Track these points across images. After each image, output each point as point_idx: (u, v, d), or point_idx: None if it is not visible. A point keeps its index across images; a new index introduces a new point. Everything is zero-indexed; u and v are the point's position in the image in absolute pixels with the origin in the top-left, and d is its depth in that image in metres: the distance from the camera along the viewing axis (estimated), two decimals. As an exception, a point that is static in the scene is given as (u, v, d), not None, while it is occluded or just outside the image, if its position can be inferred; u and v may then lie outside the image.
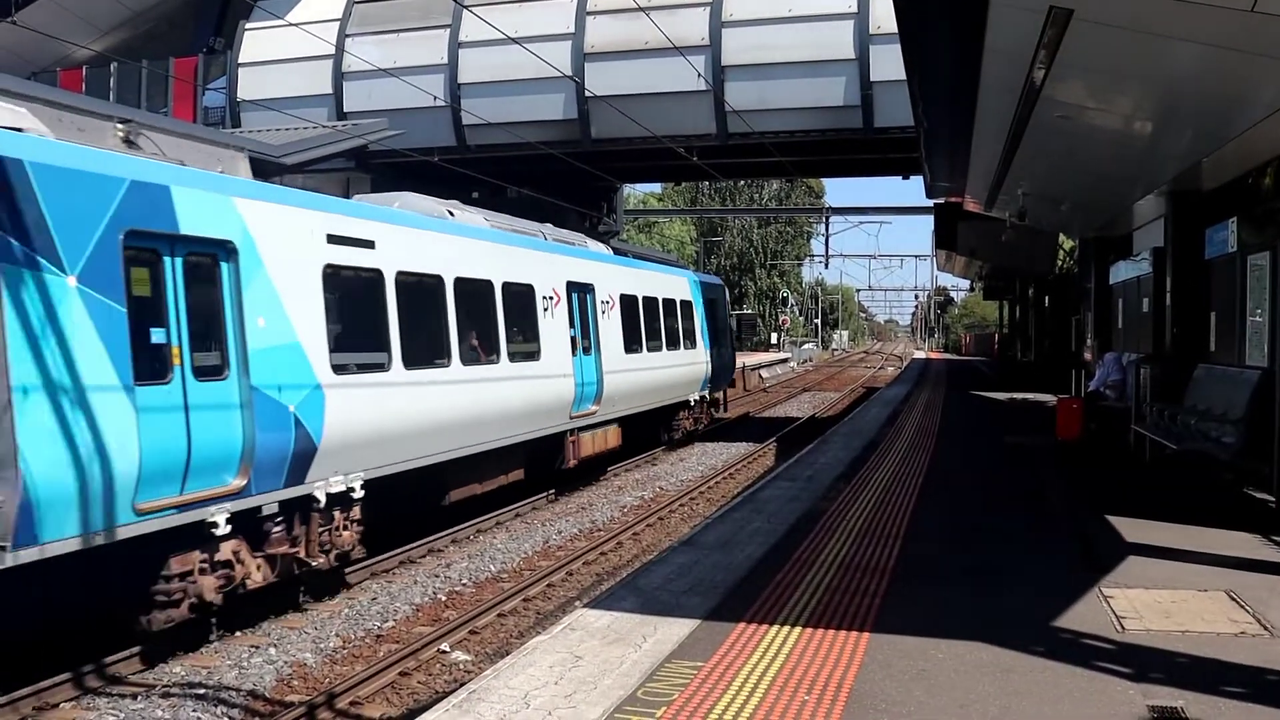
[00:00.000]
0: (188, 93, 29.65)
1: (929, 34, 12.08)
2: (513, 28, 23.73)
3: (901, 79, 15.61)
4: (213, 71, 30.07)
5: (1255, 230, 13.66)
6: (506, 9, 26.21)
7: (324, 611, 12.52)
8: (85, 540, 9.07)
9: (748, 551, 10.81)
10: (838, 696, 6.58)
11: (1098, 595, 8.95)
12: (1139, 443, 17.45)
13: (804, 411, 38.26)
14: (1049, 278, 40.46)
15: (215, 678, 10.27)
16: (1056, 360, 34.67)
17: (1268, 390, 12.60)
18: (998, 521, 12.55)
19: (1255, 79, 10.69)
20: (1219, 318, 15.75)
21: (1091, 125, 14.54)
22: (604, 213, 35.21)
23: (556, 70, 24.38)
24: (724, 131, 26.21)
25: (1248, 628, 8.00)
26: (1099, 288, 24.32)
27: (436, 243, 15.31)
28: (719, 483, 21.65)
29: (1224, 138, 13.12)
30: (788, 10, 25.43)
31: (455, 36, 27.30)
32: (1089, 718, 6.22)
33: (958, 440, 21.30)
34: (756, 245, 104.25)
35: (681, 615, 8.41)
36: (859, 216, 67.63)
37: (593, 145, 27.15)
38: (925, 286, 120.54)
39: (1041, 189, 20.35)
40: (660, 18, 23.92)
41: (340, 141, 23.23)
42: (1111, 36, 10.21)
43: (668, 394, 25.69)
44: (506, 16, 25.04)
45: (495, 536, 16.69)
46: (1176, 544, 10.92)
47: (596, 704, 6.51)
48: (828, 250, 62.72)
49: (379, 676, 10.05)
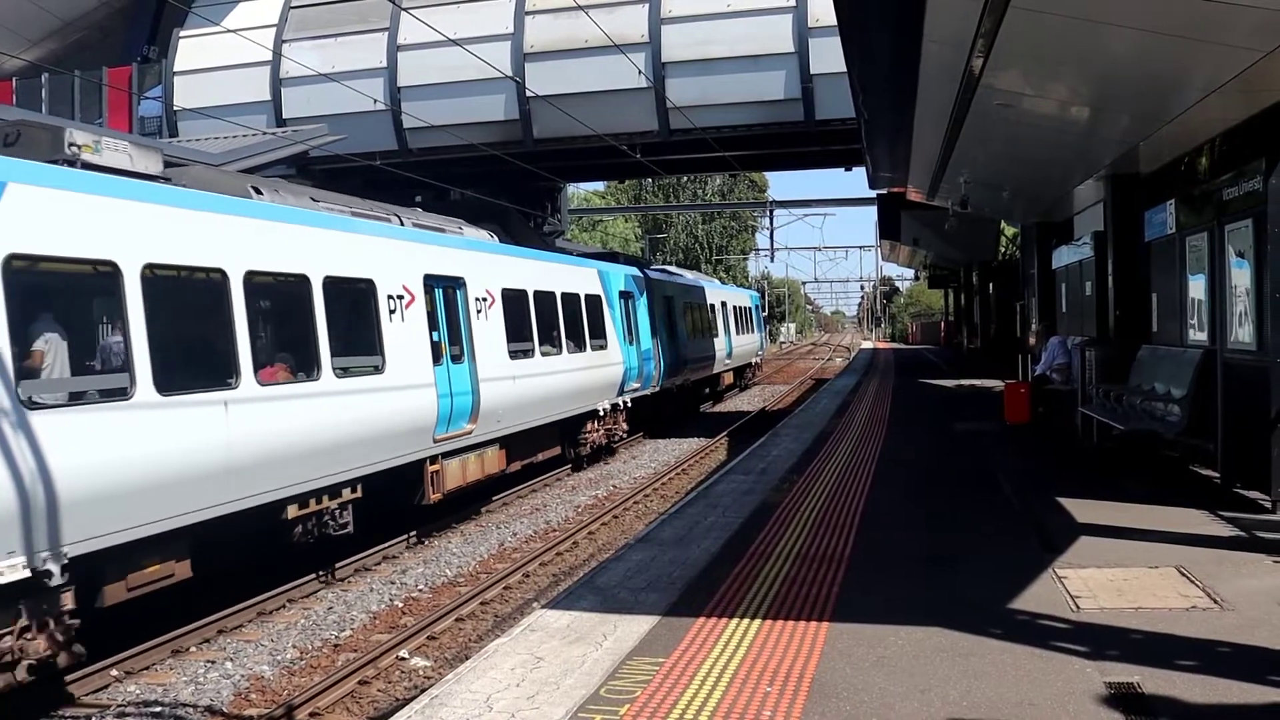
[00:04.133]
0: (123, 102, 29.24)
1: (867, 25, 12.14)
2: (451, 29, 23.62)
3: (841, 71, 15.69)
4: (148, 80, 29.63)
5: (1192, 212, 13.85)
6: (445, 10, 26.08)
7: (280, 622, 12.41)
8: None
9: (704, 546, 10.82)
10: (799, 687, 6.60)
11: (1052, 576, 9.05)
12: (1086, 424, 17.65)
13: (754, 405, 38.39)
14: (993, 264, 40.86)
15: (171, 695, 10.14)
16: (1003, 346, 35.01)
17: (1209, 368, 12.79)
18: (951, 507, 12.67)
19: (1189, 63, 10.83)
20: (1160, 299, 15.95)
21: (1031, 112, 14.67)
22: (548, 212, 35.12)
23: (497, 71, 24.30)
24: (666, 128, 26.23)
25: (1198, 602, 8.12)
26: (1042, 273, 24.54)
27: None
28: (672, 479, 21.67)
29: (1160, 121, 13.28)
30: (726, 5, 25.50)
31: (394, 39, 27.13)
32: (1048, 697, 6.28)
33: (908, 428, 21.45)
34: (701, 241, 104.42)
35: (641, 612, 8.41)
36: (803, 209, 68.36)
37: (535, 145, 27.05)
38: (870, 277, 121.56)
39: (983, 177, 20.52)
40: (600, 15, 23.91)
41: (280, 148, 22.96)
42: (1048, 23, 10.31)
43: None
44: (445, 18, 24.92)
45: (450, 541, 16.60)
46: (1127, 523, 11.06)
47: (559, 704, 6.49)
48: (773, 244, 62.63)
49: (338, 686, 9.97)
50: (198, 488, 10.94)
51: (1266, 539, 10.13)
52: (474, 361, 17.48)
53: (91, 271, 10.31)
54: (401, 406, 15.00)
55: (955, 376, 37.37)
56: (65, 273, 10.27)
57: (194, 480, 10.88)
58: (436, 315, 16.51)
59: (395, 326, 15.09)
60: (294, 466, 12.54)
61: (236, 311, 11.80)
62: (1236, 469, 12.18)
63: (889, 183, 26.49)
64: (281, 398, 12.42)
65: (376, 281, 14.82)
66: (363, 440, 14.01)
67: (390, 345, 14.89)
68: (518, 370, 19.08)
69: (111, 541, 9.91)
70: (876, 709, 6.21)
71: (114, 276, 10.25)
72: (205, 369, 11.59)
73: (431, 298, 16.40)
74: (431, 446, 15.93)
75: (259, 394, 11.94)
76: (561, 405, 21.53)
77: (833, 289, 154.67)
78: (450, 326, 16.95)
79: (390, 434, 14.73)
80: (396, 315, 15.19)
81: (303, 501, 12.90)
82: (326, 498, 13.42)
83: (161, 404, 10.46)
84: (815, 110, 25.28)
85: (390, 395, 14.74)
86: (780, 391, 44.67)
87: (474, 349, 17.56)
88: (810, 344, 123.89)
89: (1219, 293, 12.66)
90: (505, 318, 18.94)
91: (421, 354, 15.75)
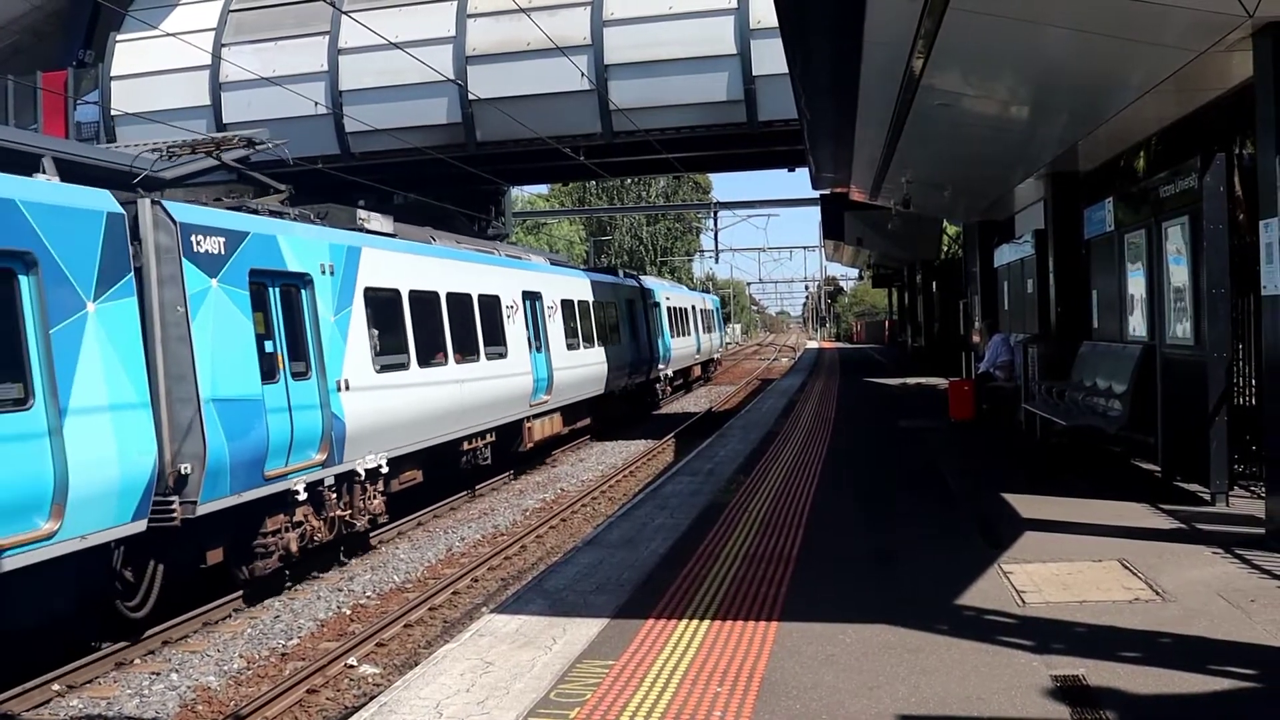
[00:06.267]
0: (58, 107, 28.78)
1: (808, 27, 12.19)
2: (393, 32, 23.46)
3: (783, 72, 15.77)
4: (84, 85, 29.18)
5: (1131, 209, 14.03)
6: (386, 14, 25.88)
7: (226, 632, 12.27)
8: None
9: (653, 547, 10.82)
10: (749, 686, 6.62)
11: (998, 572, 9.13)
12: (1030, 421, 17.85)
13: (700, 406, 38.47)
14: (936, 263, 41.15)
15: (115, 708, 10.01)
16: (946, 344, 35.28)
17: (1149, 364, 12.97)
18: (897, 505, 12.76)
19: (1125, 63, 10.99)
20: (1100, 295, 16.15)
21: (971, 112, 14.82)
22: (493, 215, 35.00)
23: (439, 74, 24.19)
24: (609, 130, 26.21)
25: (1141, 594, 8.23)
26: (984, 271, 24.76)
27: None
28: (620, 481, 21.67)
29: (1097, 120, 13.46)
30: (668, 8, 25.53)
31: (335, 43, 26.90)
32: (995, 691, 6.33)
33: (854, 427, 21.58)
34: (646, 242, 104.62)
35: (590, 615, 8.39)
36: (747, 210, 68.73)
37: (478, 148, 26.92)
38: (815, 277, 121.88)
39: (925, 176, 20.70)
40: (541, 18, 23.87)
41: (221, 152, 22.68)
42: (987, 24, 10.42)
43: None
44: (386, 21, 24.72)
45: (398, 547, 16.50)
46: (1071, 517, 11.18)
47: (509, 709, 6.46)
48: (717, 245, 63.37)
49: (286, 695, 9.88)
50: (429, 425, 17.50)
51: (1206, 531, 10.28)
52: (549, 351, 24.22)
53: (391, 295, 16.83)
54: (515, 382, 21.78)
55: (900, 375, 37.65)
56: (380, 297, 16.41)
57: (428, 420, 17.45)
58: (528, 318, 23.09)
59: (510, 326, 21.85)
60: (467, 416, 19.15)
61: (444, 317, 18.61)
62: (1176, 462, 12.34)
63: (832, 183, 26.66)
64: (463, 371, 19.03)
65: (501, 296, 21.68)
66: (496, 402, 20.60)
67: (509, 339, 21.67)
68: (572, 360, 25.86)
69: (399, 453, 16.34)
70: (826, 707, 6.23)
71: (398, 297, 17.07)
72: (432, 353, 18.00)
73: (525, 306, 22.99)
74: (528, 410, 22.62)
75: (454, 369, 18.67)
76: (594, 387, 28.02)
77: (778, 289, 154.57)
78: (535, 326, 23.58)
79: (509, 399, 21.44)
80: (509, 319, 21.91)
81: (469, 440, 19.63)
82: (478, 439, 20.02)
83: (420, 373, 17.31)
84: (758, 112, 25.37)
85: (510, 373, 21.49)
86: (727, 392, 44.78)
87: (548, 342, 24.29)
88: (756, 345, 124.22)
89: (1157, 289, 12.83)
90: (563, 320, 25.82)
91: (524, 345, 22.52)
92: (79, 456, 9.90)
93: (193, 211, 12.36)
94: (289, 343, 13.89)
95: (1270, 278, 9.36)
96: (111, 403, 10.51)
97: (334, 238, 15.46)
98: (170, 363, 11.66)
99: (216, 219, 12.75)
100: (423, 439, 17.22)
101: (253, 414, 12.69)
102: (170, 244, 11.75)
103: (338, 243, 15.45)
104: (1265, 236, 9.35)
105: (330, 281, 14.91)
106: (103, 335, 10.51)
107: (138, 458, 10.75)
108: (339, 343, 14.93)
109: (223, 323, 12.40)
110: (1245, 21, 8.73)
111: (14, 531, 9.26)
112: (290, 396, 13.60)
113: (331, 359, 14.60)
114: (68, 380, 9.96)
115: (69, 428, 9.87)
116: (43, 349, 9.80)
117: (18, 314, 9.70)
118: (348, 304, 15.31)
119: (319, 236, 15.04)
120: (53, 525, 9.66)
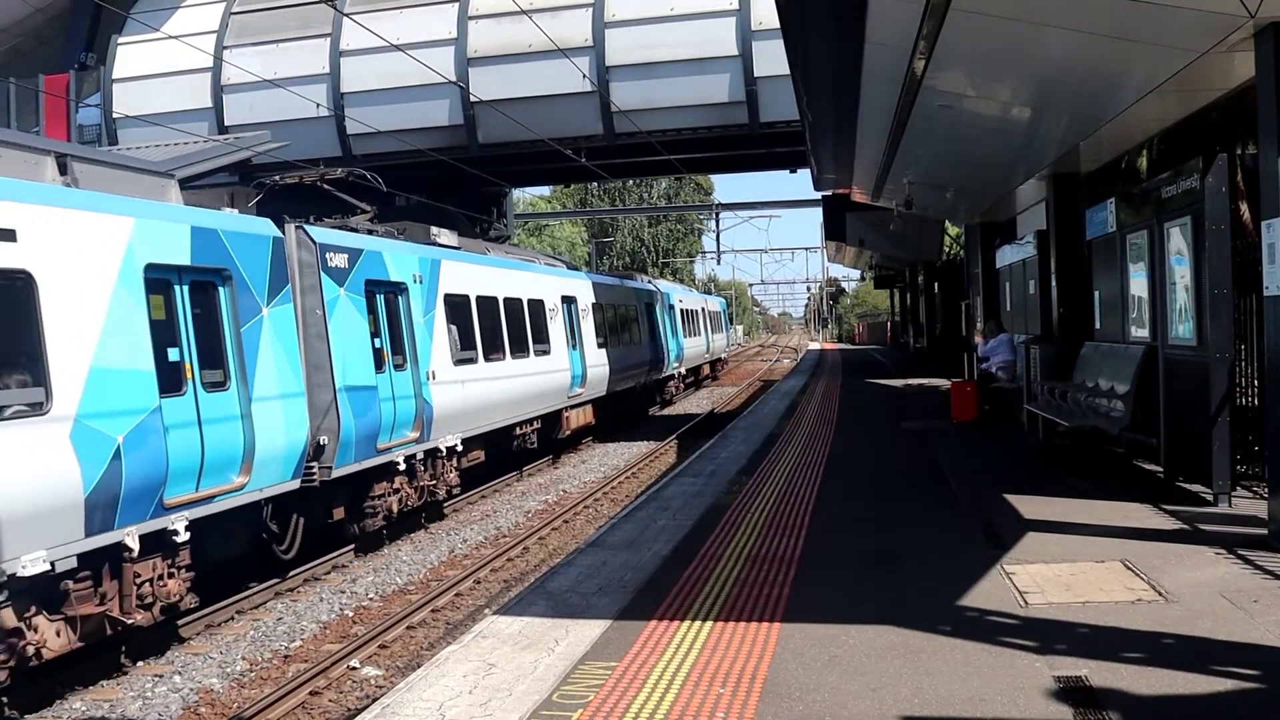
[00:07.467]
0: (60, 109, 28.81)
1: (810, 28, 12.20)
2: (394, 35, 23.49)
3: (785, 74, 15.76)
4: (86, 88, 29.20)
5: (1133, 210, 14.01)
6: (387, 16, 25.92)
7: (228, 634, 12.28)
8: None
9: (655, 549, 10.82)
10: (752, 687, 6.62)
11: (1000, 573, 9.13)
12: (1032, 421, 17.83)
13: (703, 407, 38.45)
14: (937, 264, 41.13)
15: (118, 710, 10.01)
16: (948, 345, 35.25)
17: (1151, 365, 12.96)
18: (899, 506, 12.75)
19: (1126, 64, 10.99)
20: (1102, 296, 16.13)
21: (973, 113, 14.82)
22: (494, 217, 35.02)
23: (440, 76, 24.19)
24: (611, 132, 26.23)
25: (1143, 595, 8.22)
26: (986, 272, 24.75)
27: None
28: (622, 482, 21.67)
29: (1099, 121, 13.44)
30: (670, 9, 25.54)
31: (336, 45, 26.92)
32: (998, 692, 6.33)
33: (856, 428, 21.57)
34: (648, 244, 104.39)
35: (593, 616, 8.39)
36: (748, 211, 68.82)
37: (480, 150, 26.96)
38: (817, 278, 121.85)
39: (926, 177, 20.69)
40: (543, 20, 23.89)
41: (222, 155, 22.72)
42: (988, 25, 10.42)
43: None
44: (387, 24, 24.76)
45: (400, 549, 16.51)
46: (1073, 518, 11.18)
47: (512, 710, 6.46)
48: (719, 246, 63.13)
49: (289, 697, 9.88)
50: (492, 411, 20.14)
51: (1208, 531, 10.28)
52: (582, 349, 26.74)
53: (462, 300, 19.62)
54: (557, 375, 24.47)
55: (902, 376, 37.62)
56: (455, 301, 19.23)
57: (491, 407, 20.04)
58: (566, 320, 25.72)
59: (552, 327, 24.69)
60: (520, 405, 21.91)
61: (501, 318, 21.45)
62: (1179, 463, 12.33)
63: (834, 184, 26.63)
64: (517, 366, 21.78)
65: (544, 300, 24.49)
66: (542, 394, 23.38)
67: (552, 338, 24.51)
68: (601, 358, 28.40)
69: (470, 434, 19.05)
70: (829, 708, 6.23)
71: (468, 302, 19.89)
72: (494, 349, 20.81)
73: (564, 309, 25.84)
74: (565, 401, 25.16)
75: (511, 364, 21.48)
76: (618, 382, 30.08)
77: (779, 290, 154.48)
78: (571, 326, 26.23)
79: (552, 391, 24.16)
80: (552, 320, 24.72)
81: (520, 425, 22.22)
82: (527, 425, 22.73)
83: (485, 367, 20.02)
84: (760, 113, 25.38)
85: (553, 369, 24.18)
86: (729, 393, 44.77)
87: (582, 341, 26.90)
88: (758, 346, 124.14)
89: (1159, 290, 12.81)
90: (594, 321, 28.40)
91: (564, 344, 25.33)
92: (260, 428, 12.69)
93: (327, 234, 15.20)
94: (392, 340, 16.76)
95: (1273, 278, 9.35)
96: (280, 385, 13.34)
97: (421, 252, 18.42)
98: (311, 355, 14.38)
99: (342, 239, 15.60)
100: (487, 423, 20.17)
101: (370, 398, 15.50)
102: (311, 260, 14.58)
103: (425, 256, 18.43)
104: (1268, 237, 9.34)
105: (420, 289, 17.79)
106: (272, 333, 13.35)
107: (297, 429, 13.65)
108: (427, 340, 17.80)
109: (348, 324, 15.20)
110: (1247, 22, 8.73)
111: (219, 483, 12.09)
112: (394, 384, 16.38)
113: (422, 354, 17.45)
114: (252, 368, 12.78)
115: (254, 405, 12.67)
116: (235, 343, 12.59)
117: (219, 316, 12.50)
118: (432, 308, 18.21)
119: (411, 251, 17.98)
120: (243, 479, 12.50)
